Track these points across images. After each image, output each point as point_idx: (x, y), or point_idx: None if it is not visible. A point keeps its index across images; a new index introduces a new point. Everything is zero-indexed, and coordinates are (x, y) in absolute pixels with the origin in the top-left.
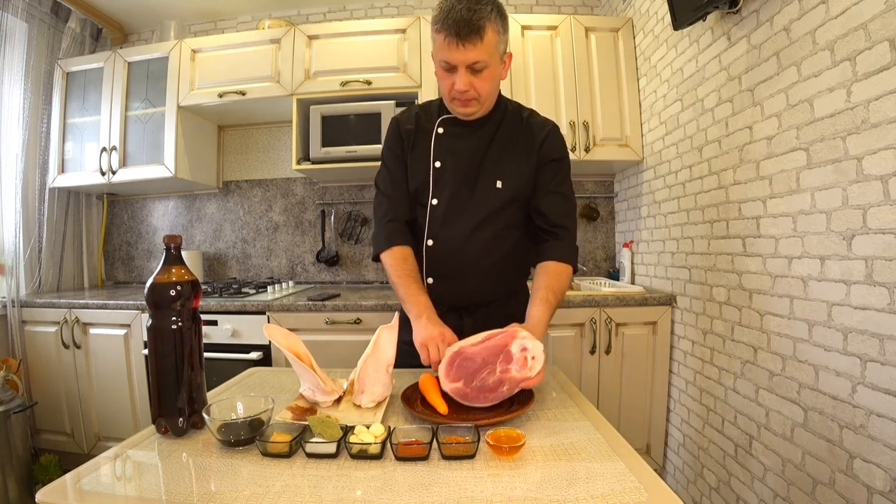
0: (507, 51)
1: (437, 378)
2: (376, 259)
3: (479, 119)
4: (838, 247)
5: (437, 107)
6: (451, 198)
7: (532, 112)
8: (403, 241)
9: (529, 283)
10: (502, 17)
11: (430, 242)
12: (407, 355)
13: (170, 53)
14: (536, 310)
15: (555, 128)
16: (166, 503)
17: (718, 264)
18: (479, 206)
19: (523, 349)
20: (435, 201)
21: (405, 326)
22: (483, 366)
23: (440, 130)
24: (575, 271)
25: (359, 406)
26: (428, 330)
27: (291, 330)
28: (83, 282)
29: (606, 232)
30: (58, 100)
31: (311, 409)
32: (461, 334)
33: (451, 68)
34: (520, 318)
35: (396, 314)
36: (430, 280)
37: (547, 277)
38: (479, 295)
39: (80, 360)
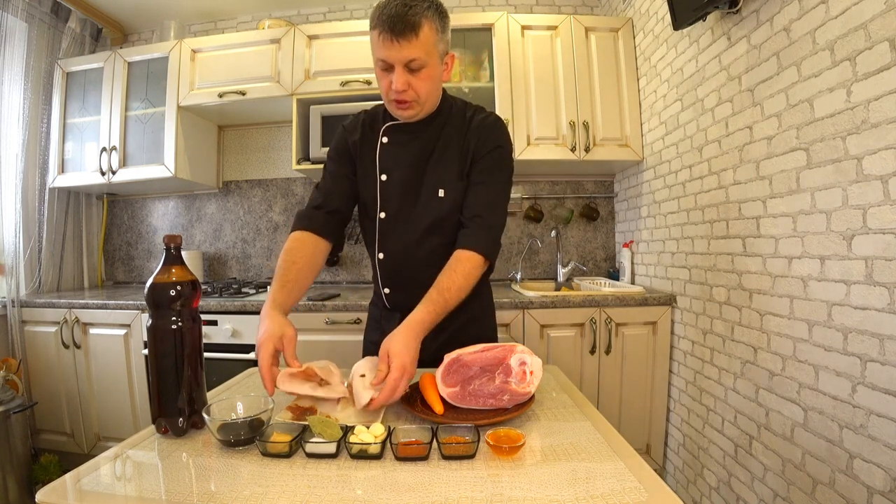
0: (449, 51)
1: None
2: None
3: (421, 123)
4: (838, 247)
5: (383, 113)
6: (397, 210)
7: (477, 109)
8: (311, 227)
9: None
10: (441, 15)
11: (381, 256)
12: (373, 354)
13: (170, 53)
14: (416, 310)
15: (491, 122)
16: (166, 503)
17: (718, 264)
18: (423, 215)
19: (522, 363)
20: (383, 214)
21: (371, 326)
22: (480, 374)
23: (384, 140)
24: (490, 262)
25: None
26: (260, 336)
27: None
28: (83, 282)
29: (606, 232)
30: (58, 100)
31: (311, 408)
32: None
33: (387, 67)
34: (478, 317)
35: None
36: (387, 290)
37: (442, 274)
38: None
39: (80, 360)
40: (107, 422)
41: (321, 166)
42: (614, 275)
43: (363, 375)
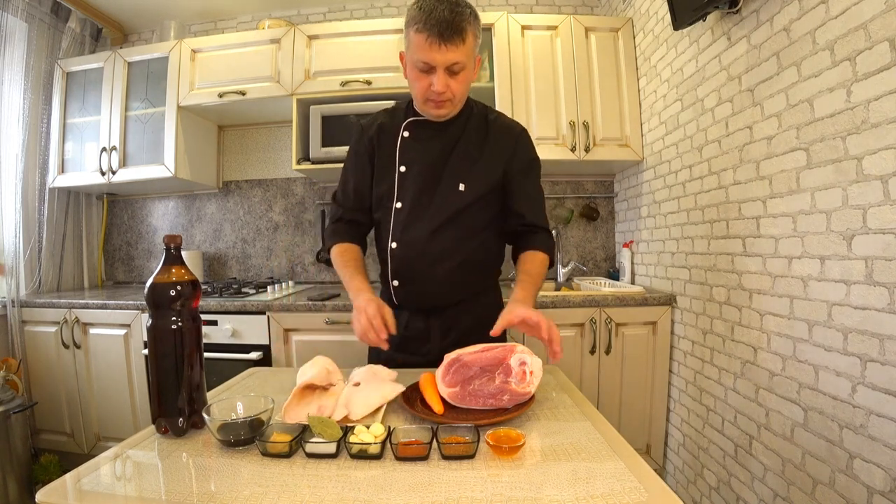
0: (479, 54)
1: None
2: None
3: (445, 121)
4: (838, 247)
5: (404, 110)
6: (413, 201)
7: (499, 115)
8: (342, 238)
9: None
10: (478, 20)
11: (393, 245)
12: (376, 351)
13: (170, 53)
14: (518, 290)
15: (523, 132)
16: (166, 503)
17: (718, 264)
18: (441, 208)
19: (522, 363)
20: (399, 205)
21: None
22: (480, 374)
23: (406, 134)
24: (552, 264)
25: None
26: (362, 301)
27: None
28: (83, 282)
29: (606, 232)
30: (58, 100)
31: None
32: (427, 336)
33: (429, 69)
34: (488, 319)
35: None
36: (396, 282)
37: (524, 264)
38: (443, 296)
39: (80, 360)
40: (107, 422)
41: (321, 166)
42: (614, 275)
43: (357, 384)
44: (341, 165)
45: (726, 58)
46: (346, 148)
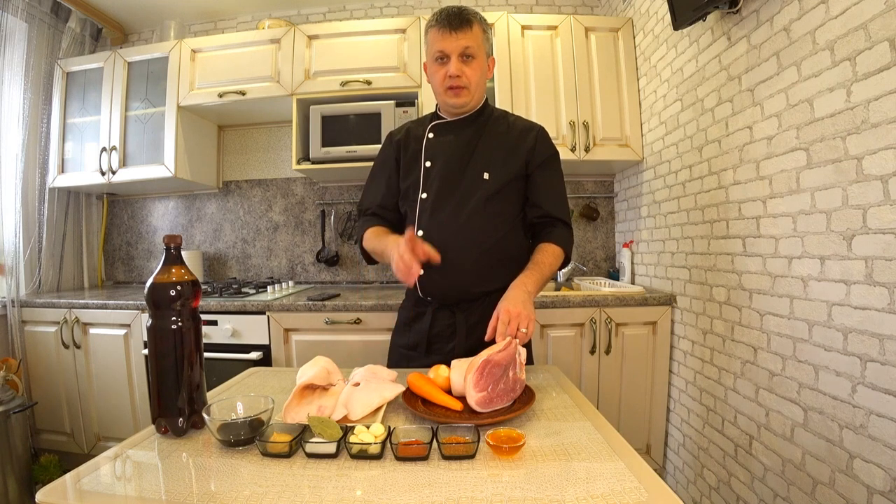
0: (492, 55)
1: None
2: (364, 257)
3: (467, 119)
4: (838, 247)
5: (429, 117)
6: (439, 190)
7: (517, 117)
8: (371, 224)
9: None
10: (486, 23)
11: (420, 233)
12: (403, 358)
13: (170, 53)
14: (521, 275)
15: (542, 129)
16: (166, 503)
17: (718, 264)
18: (467, 195)
19: (518, 353)
20: (424, 195)
21: (400, 329)
22: (504, 371)
23: (430, 135)
24: (567, 259)
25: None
26: (392, 244)
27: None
28: (83, 282)
29: (606, 232)
30: (58, 100)
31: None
32: (453, 332)
33: (444, 58)
34: None
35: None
36: (421, 270)
37: (535, 254)
38: (468, 285)
39: (80, 360)
40: (107, 422)
41: (321, 166)
42: (614, 275)
43: (357, 384)
44: (341, 165)
45: (726, 58)
46: (346, 148)
